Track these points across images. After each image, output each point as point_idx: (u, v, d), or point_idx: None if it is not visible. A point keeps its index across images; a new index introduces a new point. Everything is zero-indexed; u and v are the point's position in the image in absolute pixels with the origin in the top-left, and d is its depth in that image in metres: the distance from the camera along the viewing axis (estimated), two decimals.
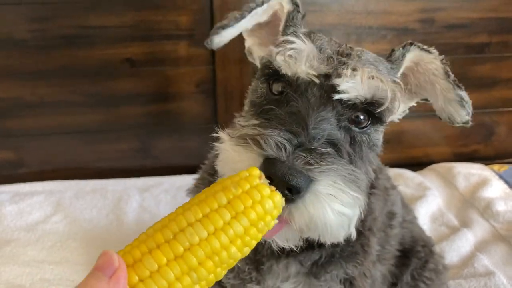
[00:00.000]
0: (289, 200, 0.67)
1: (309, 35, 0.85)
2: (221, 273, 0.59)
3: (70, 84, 1.77)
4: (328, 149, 0.74)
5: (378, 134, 0.85)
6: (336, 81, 0.77)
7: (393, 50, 0.89)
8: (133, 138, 1.90)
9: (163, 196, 1.75)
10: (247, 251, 0.60)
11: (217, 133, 0.79)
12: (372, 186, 0.96)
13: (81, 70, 1.75)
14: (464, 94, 0.87)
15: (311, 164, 0.68)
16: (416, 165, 2.05)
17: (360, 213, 0.76)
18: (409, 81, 0.93)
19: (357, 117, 0.81)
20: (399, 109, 0.87)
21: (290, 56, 0.80)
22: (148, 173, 1.89)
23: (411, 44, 0.88)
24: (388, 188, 1.11)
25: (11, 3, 1.64)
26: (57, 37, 1.70)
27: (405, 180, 1.89)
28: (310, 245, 0.89)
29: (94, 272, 0.51)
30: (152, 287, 0.54)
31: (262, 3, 0.93)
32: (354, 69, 0.78)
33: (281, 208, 0.63)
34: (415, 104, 0.96)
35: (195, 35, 1.76)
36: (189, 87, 1.84)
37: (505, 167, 1.99)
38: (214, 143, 0.79)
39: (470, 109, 0.88)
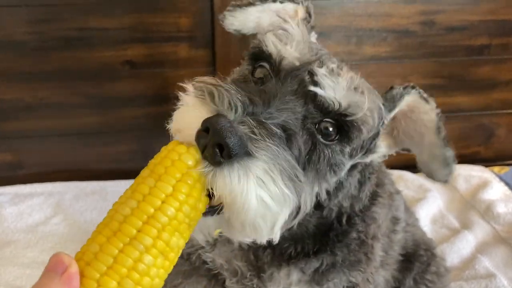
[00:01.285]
0: (216, 163, 0.60)
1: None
2: (172, 239, 0.57)
3: (69, 86, 1.77)
4: (279, 131, 0.66)
5: (342, 156, 0.76)
6: (316, 70, 0.73)
7: (392, 88, 0.83)
8: (133, 140, 1.89)
9: None
10: (188, 211, 0.58)
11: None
12: (376, 195, 0.94)
13: (80, 72, 1.75)
14: (450, 154, 0.83)
15: (254, 134, 0.62)
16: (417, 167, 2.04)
17: (292, 216, 0.69)
18: (398, 126, 0.88)
19: (326, 128, 0.74)
20: (375, 146, 0.84)
21: (280, 36, 0.79)
22: None
23: (413, 87, 0.83)
24: (393, 193, 1.10)
25: (11, 5, 1.63)
26: (57, 39, 1.69)
27: (405, 182, 1.89)
28: (306, 253, 0.89)
29: (45, 273, 0.53)
30: (99, 266, 0.54)
31: (275, 1, 0.93)
32: (339, 68, 0.75)
33: (202, 162, 0.61)
34: (394, 154, 0.91)
35: (195, 37, 1.76)
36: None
37: (506, 169, 1.99)
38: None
39: (453, 170, 0.84)
